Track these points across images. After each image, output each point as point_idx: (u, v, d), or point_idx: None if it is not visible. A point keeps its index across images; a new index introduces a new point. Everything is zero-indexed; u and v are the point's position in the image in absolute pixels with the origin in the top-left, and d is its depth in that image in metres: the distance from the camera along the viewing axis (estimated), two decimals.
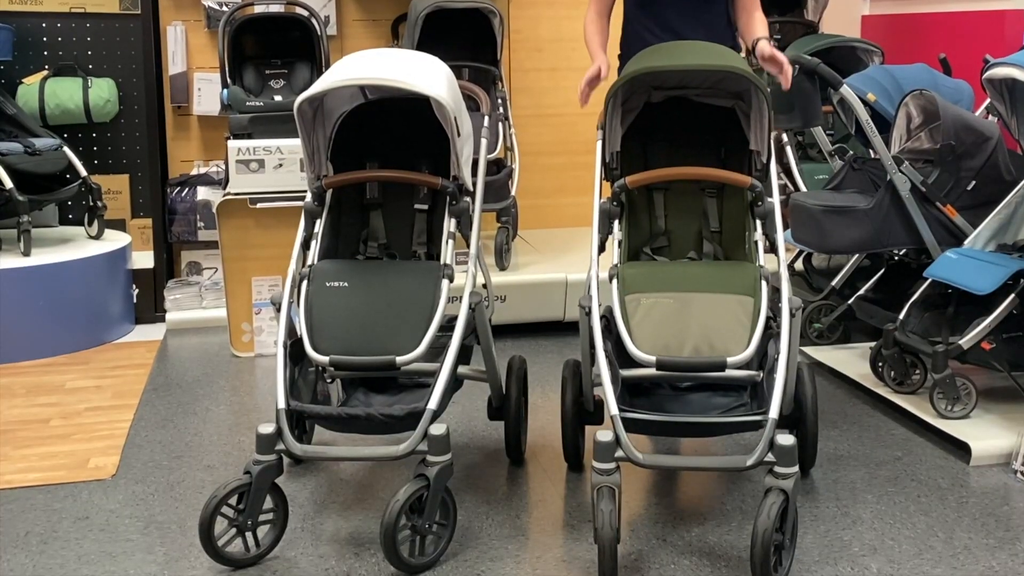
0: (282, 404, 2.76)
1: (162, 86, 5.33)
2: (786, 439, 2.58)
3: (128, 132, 5.54)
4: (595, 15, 3.65)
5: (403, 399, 3.23)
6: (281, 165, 4.52)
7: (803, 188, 4.78)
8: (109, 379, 4.28)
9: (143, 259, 5.16)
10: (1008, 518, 2.97)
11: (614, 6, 3.68)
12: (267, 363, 4.48)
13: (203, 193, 5.26)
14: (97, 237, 5.05)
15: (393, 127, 3.22)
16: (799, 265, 4.90)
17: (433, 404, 2.73)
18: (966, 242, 3.73)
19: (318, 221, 3.09)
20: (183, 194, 5.26)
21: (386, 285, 2.93)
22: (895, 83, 4.25)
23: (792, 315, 2.76)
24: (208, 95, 5.37)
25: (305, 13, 5.10)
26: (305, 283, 2.94)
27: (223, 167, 4.98)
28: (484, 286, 3.32)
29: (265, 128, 4.64)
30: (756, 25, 3.52)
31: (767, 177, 3.02)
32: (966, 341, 3.46)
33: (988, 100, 3.95)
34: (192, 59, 5.44)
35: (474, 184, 3.10)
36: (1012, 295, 3.41)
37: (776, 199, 2.98)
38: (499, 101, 5.00)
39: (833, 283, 4.49)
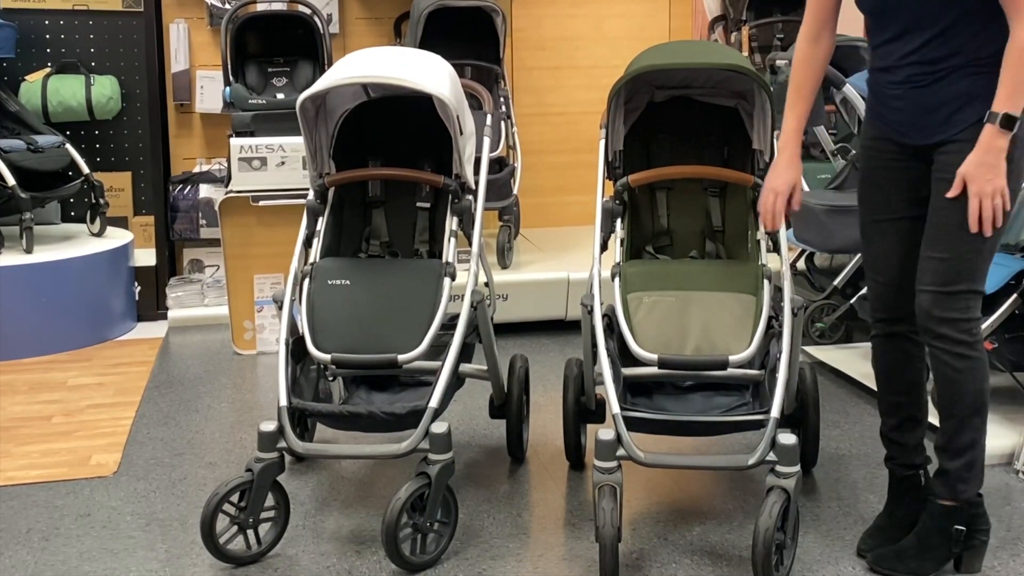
0: (284, 402, 2.76)
1: (165, 84, 5.34)
2: (788, 438, 2.57)
3: (130, 129, 5.53)
4: (809, 41, 2.73)
5: (405, 397, 3.23)
6: (283, 163, 4.52)
7: (805, 187, 4.77)
8: (111, 376, 4.28)
9: (145, 256, 5.16)
10: (1010, 518, 2.96)
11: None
12: (269, 361, 4.48)
13: (205, 191, 5.27)
14: (99, 234, 5.05)
15: (395, 125, 3.22)
16: (801, 265, 4.90)
17: (435, 402, 2.73)
18: None
19: (320, 219, 3.09)
20: (185, 192, 5.26)
21: (388, 283, 2.94)
22: None
23: (794, 314, 2.76)
24: (210, 93, 5.37)
25: (308, 11, 5.10)
26: (307, 281, 2.94)
27: (225, 165, 4.99)
28: (486, 284, 3.31)
29: (268, 126, 4.64)
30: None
31: None
32: None
33: None
34: (195, 57, 5.44)
35: (476, 182, 3.10)
36: (1014, 295, 3.40)
37: None
38: (501, 99, 5.00)
39: (835, 282, 4.48)
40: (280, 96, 4.98)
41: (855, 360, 4.16)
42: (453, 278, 2.94)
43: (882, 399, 2.77)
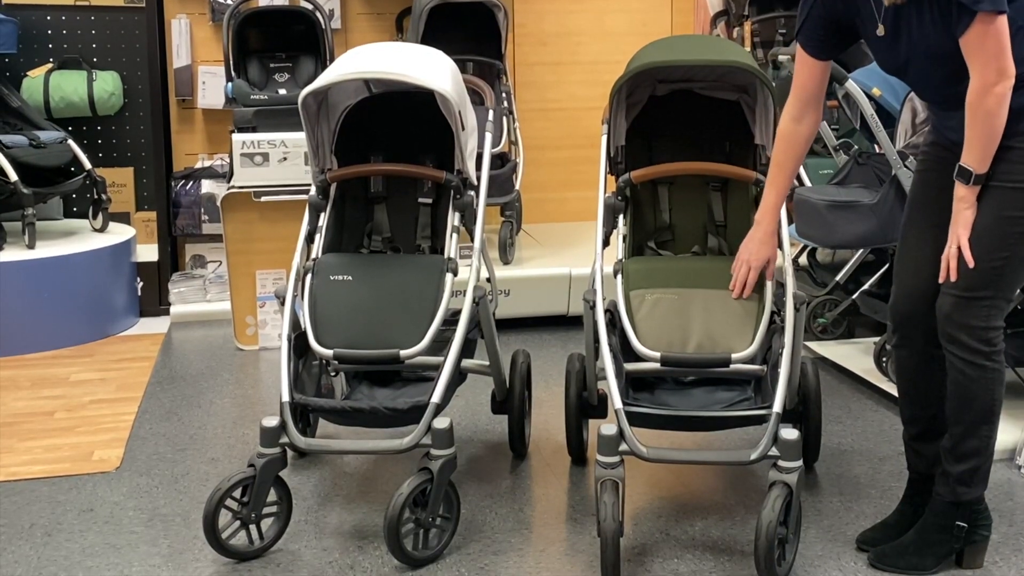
0: (286, 397, 2.76)
1: (166, 79, 5.34)
2: (790, 433, 2.58)
3: (132, 125, 5.53)
4: (792, 120, 2.69)
5: (407, 393, 3.23)
6: (285, 159, 4.52)
7: (807, 183, 4.77)
8: (113, 372, 4.29)
9: (147, 252, 5.17)
10: (1012, 513, 2.96)
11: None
12: (271, 356, 4.48)
13: (207, 186, 5.27)
14: (102, 230, 5.05)
15: (397, 121, 3.22)
16: (803, 260, 4.90)
17: (437, 398, 2.73)
18: None
19: (322, 215, 3.09)
20: (187, 187, 5.27)
21: (390, 279, 2.94)
22: None
23: (796, 310, 2.76)
24: (212, 88, 5.37)
25: (309, 7, 5.11)
26: (309, 276, 2.95)
27: (227, 160, 4.99)
28: (488, 280, 3.31)
29: (269, 121, 4.64)
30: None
31: None
32: None
33: None
34: (196, 52, 5.44)
35: (478, 178, 3.10)
36: (1016, 291, 3.40)
37: None
38: (503, 95, 5.00)
39: (837, 278, 4.49)
40: (282, 92, 4.98)
41: (857, 355, 4.16)
42: (455, 274, 2.94)
43: (903, 408, 2.76)
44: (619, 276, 2.88)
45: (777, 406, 2.63)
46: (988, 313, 2.47)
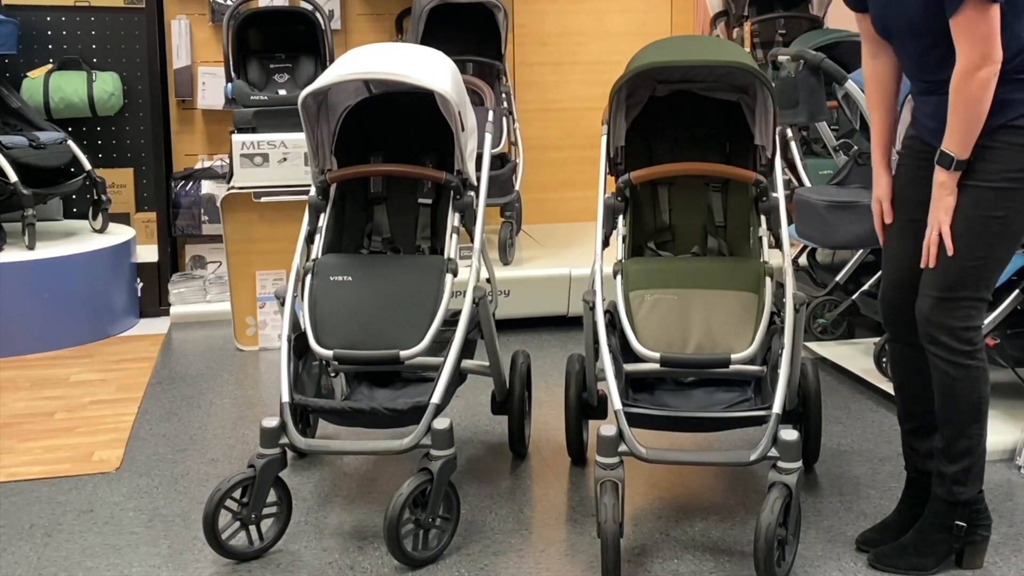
0: (286, 398, 2.76)
1: (166, 80, 5.34)
2: (790, 434, 2.58)
3: (132, 126, 5.53)
4: (869, 57, 2.69)
5: (407, 393, 3.23)
6: (285, 159, 4.52)
7: (807, 183, 4.77)
8: (114, 372, 4.29)
9: (147, 253, 5.17)
10: (1011, 514, 2.96)
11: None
12: (271, 357, 4.49)
13: (207, 187, 5.27)
14: (101, 231, 5.05)
15: (397, 121, 3.22)
16: (803, 260, 4.90)
17: (437, 398, 2.74)
18: None
19: (322, 215, 3.09)
20: (187, 188, 5.27)
21: (390, 279, 2.94)
22: None
23: (796, 310, 2.76)
24: (212, 89, 5.37)
25: (309, 7, 5.11)
26: (309, 277, 2.95)
27: (227, 161, 4.99)
28: (488, 280, 3.32)
29: (269, 122, 4.64)
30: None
31: (772, 172, 3.02)
32: None
33: None
34: (196, 53, 5.44)
35: (478, 179, 3.10)
36: (1016, 291, 3.40)
37: (781, 194, 2.98)
38: (503, 95, 5.00)
39: (837, 278, 4.48)
40: (282, 92, 4.98)
41: (857, 356, 4.16)
42: (455, 274, 2.94)
43: (898, 404, 2.77)
44: (619, 277, 2.88)
45: (777, 407, 2.63)
46: (967, 313, 2.46)
